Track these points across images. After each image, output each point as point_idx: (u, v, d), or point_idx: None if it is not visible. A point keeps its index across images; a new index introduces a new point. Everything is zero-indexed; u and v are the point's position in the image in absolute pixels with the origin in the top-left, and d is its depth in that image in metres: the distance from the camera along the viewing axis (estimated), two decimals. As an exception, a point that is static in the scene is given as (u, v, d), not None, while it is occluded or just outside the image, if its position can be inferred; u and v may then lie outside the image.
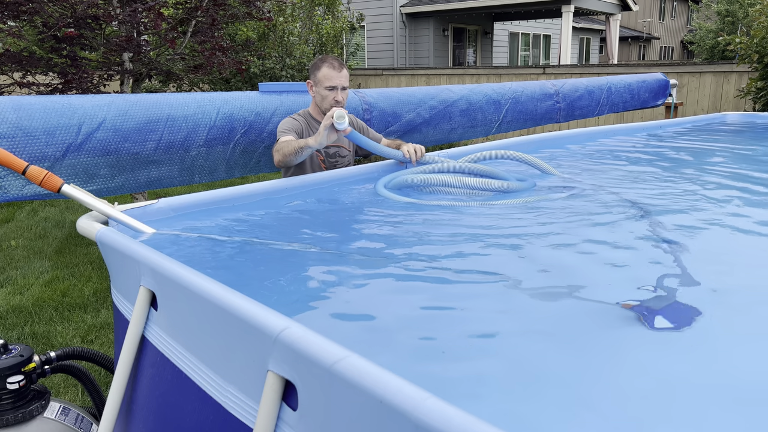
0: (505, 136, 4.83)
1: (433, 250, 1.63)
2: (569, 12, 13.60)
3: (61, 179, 1.64)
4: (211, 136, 2.51)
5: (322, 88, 2.58)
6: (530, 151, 3.15)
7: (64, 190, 1.62)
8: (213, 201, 1.98)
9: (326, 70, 2.57)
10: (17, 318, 3.41)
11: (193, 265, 1.17)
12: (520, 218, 1.91)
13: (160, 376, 1.24)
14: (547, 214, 1.94)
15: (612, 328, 1.14)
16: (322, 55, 2.66)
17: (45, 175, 1.61)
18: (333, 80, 2.56)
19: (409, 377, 0.72)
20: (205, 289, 1.05)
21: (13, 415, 1.52)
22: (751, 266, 1.52)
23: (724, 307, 1.26)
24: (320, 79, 2.58)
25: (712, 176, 2.56)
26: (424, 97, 3.45)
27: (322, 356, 0.79)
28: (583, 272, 1.46)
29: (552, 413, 0.88)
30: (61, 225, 5.45)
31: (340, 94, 2.59)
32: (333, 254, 1.62)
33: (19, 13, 5.00)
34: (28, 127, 2.03)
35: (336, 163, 2.70)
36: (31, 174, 1.61)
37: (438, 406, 0.66)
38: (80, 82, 5.17)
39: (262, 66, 8.56)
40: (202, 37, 5.84)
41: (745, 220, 1.89)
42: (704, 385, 0.96)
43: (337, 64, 2.59)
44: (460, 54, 16.77)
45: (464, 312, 1.25)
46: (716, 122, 4.68)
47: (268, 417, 0.87)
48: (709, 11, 28.85)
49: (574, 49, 21.27)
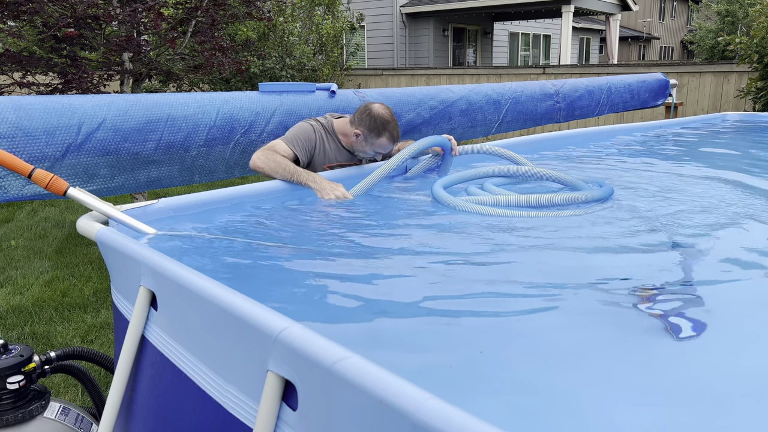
0: (505, 136, 4.83)
1: (435, 251, 1.63)
2: (569, 12, 13.59)
3: (67, 182, 1.64)
4: (211, 136, 2.51)
5: (371, 149, 2.46)
6: (531, 150, 3.15)
7: (70, 193, 1.62)
8: (213, 201, 1.97)
9: (384, 142, 2.41)
10: (17, 318, 3.41)
11: (193, 265, 1.17)
12: (531, 224, 1.91)
13: (160, 376, 1.24)
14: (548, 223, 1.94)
15: (633, 334, 1.13)
16: (383, 119, 2.38)
17: (51, 178, 1.61)
18: (385, 149, 2.48)
19: (409, 377, 0.72)
20: (205, 289, 1.05)
21: (13, 415, 1.52)
22: (754, 267, 1.52)
23: (727, 308, 1.26)
24: (374, 144, 2.42)
25: (713, 176, 2.56)
26: (423, 97, 3.45)
27: (322, 356, 0.79)
28: (592, 273, 1.46)
29: (555, 414, 0.88)
30: (61, 225, 5.45)
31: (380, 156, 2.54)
32: (333, 254, 1.62)
33: (19, 13, 5.00)
34: (28, 127, 2.03)
35: None
36: (37, 177, 1.61)
37: (438, 406, 0.66)
38: (80, 82, 5.16)
39: (262, 66, 8.56)
40: (202, 37, 5.84)
41: (746, 221, 1.89)
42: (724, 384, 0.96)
43: (396, 134, 2.43)
44: (460, 54, 16.76)
45: (465, 312, 1.25)
46: (716, 122, 4.68)
47: (268, 417, 0.87)
48: (709, 11, 28.84)
49: (574, 49, 21.26)
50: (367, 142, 2.43)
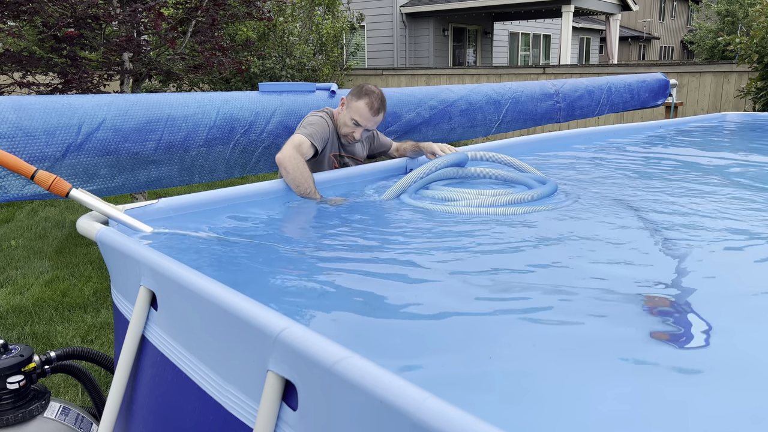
0: (505, 136, 4.83)
1: (436, 252, 1.63)
2: (569, 12, 13.60)
3: (69, 184, 1.64)
4: (211, 136, 2.51)
5: (349, 117, 2.42)
6: (531, 151, 3.15)
7: (73, 195, 1.62)
8: (213, 201, 1.97)
9: (362, 106, 2.38)
10: (17, 318, 3.41)
11: (193, 265, 1.17)
12: (528, 223, 1.91)
13: (160, 376, 1.24)
14: (545, 221, 1.94)
15: (638, 339, 1.13)
16: (372, 86, 2.44)
17: (53, 179, 1.61)
18: (363, 119, 2.41)
19: (409, 378, 0.72)
20: (205, 289, 1.05)
21: (13, 415, 1.52)
22: (756, 268, 1.52)
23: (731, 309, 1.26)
24: (352, 108, 2.41)
25: (712, 176, 2.56)
26: (423, 97, 3.45)
27: (322, 356, 0.79)
28: (589, 275, 1.46)
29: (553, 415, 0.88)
30: (61, 225, 5.45)
31: (360, 134, 2.46)
32: (333, 254, 1.62)
33: (19, 13, 5.00)
34: (28, 127, 2.03)
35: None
36: (39, 179, 1.61)
37: (438, 406, 0.66)
38: (80, 82, 5.16)
39: (262, 66, 8.56)
40: (202, 37, 5.84)
41: (747, 222, 1.89)
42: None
43: (377, 105, 2.40)
44: (460, 54, 16.76)
45: (465, 312, 1.25)
46: (716, 122, 4.68)
47: (268, 417, 0.87)
48: (709, 11, 28.84)
49: (574, 49, 21.27)
50: (349, 107, 2.43)
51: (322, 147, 2.41)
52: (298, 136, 2.31)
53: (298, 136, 2.30)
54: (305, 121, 2.44)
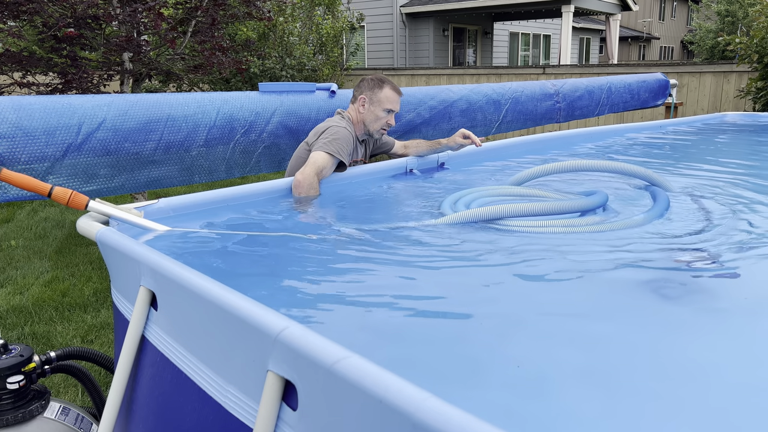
0: (505, 136, 4.83)
1: (437, 252, 1.63)
2: (569, 12, 13.59)
3: (87, 197, 1.64)
4: (211, 136, 2.51)
5: (380, 109, 2.42)
6: (531, 151, 3.15)
7: (91, 206, 1.63)
8: (213, 201, 1.98)
9: (389, 92, 2.43)
10: (17, 318, 3.41)
11: (193, 265, 1.17)
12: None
13: (160, 376, 1.24)
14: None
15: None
16: (379, 76, 2.49)
17: (70, 194, 1.62)
18: (395, 104, 2.44)
19: (409, 378, 0.72)
20: (205, 289, 1.05)
21: (13, 415, 1.52)
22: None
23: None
24: (381, 99, 2.42)
25: (713, 176, 2.56)
26: (423, 97, 3.45)
27: (322, 356, 0.79)
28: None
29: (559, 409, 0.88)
30: (61, 225, 5.45)
31: (393, 120, 2.48)
32: (334, 255, 1.62)
33: (19, 13, 5.00)
34: (28, 127, 2.03)
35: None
36: (56, 195, 1.61)
37: (438, 406, 0.66)
38: (80, 82, 5.16)
39: (262, 66, 8.56)
40: (202, 37, 5.84)
41: (746, 223, 1.89)
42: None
43: (397, 87, 2.47)
44: (460, 54, 16.76)
45: (465, 312, 1.25)
46: (716, 122, 4.68)
47: (268, 417, 0.87)
48: (709, 11, 28.84)
49: (574, 49, 21.26)
50: (373, 101, 2.43)
51: (348, 158, 2.36)
52: (324, 157, 2.21)
53: (323, 157, 2.20)
54: (329, 133, 2.30)
